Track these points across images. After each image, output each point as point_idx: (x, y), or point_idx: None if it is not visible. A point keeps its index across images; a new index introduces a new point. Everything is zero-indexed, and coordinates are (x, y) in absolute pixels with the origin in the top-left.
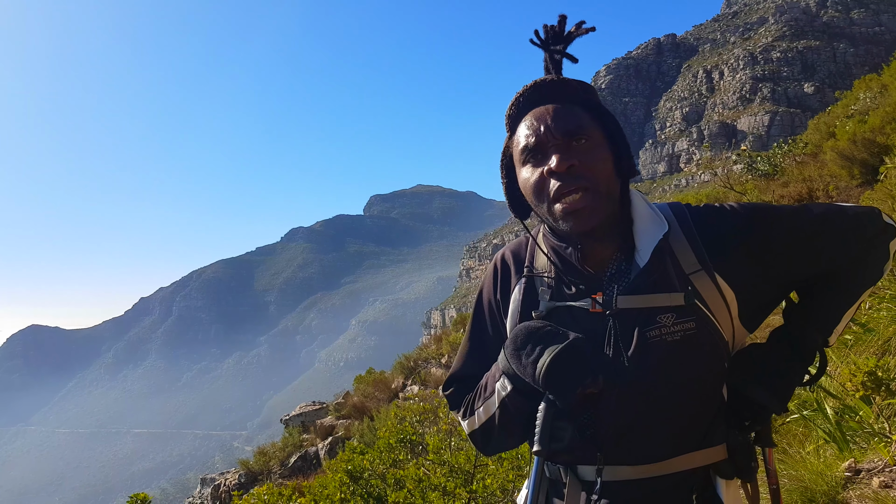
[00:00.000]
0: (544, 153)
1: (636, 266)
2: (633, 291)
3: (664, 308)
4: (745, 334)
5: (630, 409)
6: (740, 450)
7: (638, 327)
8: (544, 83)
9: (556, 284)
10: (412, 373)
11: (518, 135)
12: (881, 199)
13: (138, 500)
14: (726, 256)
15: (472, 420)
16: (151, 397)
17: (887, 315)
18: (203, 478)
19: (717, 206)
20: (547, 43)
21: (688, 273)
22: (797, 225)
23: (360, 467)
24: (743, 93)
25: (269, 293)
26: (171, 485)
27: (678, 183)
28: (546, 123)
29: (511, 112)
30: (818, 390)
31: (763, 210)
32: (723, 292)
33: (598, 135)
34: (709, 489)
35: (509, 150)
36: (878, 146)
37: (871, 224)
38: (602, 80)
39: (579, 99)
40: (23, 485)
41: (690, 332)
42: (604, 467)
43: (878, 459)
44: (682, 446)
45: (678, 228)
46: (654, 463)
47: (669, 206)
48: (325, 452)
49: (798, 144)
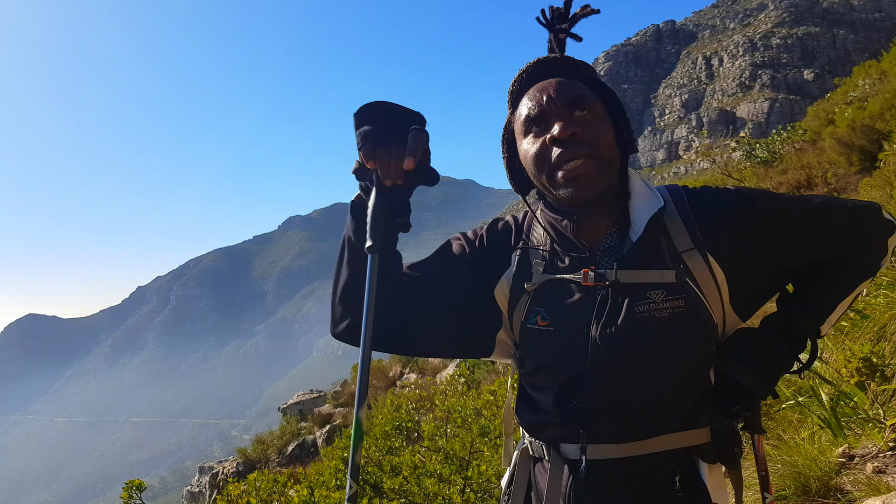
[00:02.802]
0: (546, 123)
1: (630, 241)
2: (625, 266)
3: (655, 284)
4: (737, 322)
5: (614, 384)
6: (724, 434)
7: (627, 301)
8: (547, 60)
9: (549, 258)
10: (409, 361)
11: (520, 107)
12: (879, 185)
13: (133, 486)
14: (720, 238)
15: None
16: (149, 386)
17: (883, 301)
18: (201, 466)
19: (714, 189)
20: (552, 23)
21: (680, 251)
22: (795, 213)
23: None
24: (742, 80)
25: (266, 282)
26: (170, 473)
27: (677, 170)
28: (549, 94)
29: (514, 88)
30: (813, 377)
31: (761, 195)
32: (714, 273)
33: (600, 108)
34: (692, 471)
35: (511, 126)
36: (876, 133)
37: (871, 218)
38: (601, 67)
39: (581, 75)
40: (21, 474)
41: (679, 309)
42: (587, 445)
43: (871, 445)
44: (666, 426)
45: (673, 207)
46: (638, 441)
47: (667, 187)
48: (323, 440)
49: (797, 131)
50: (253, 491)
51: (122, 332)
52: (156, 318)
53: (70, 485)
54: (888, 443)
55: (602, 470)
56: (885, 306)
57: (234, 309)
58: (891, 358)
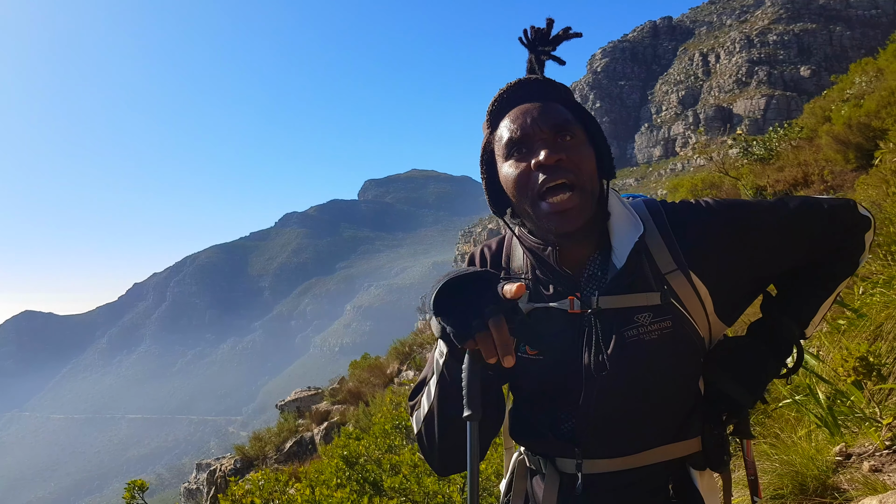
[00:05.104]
0: (530, 147)
1: (613, 267)
2: (610, 292)
3: (641, 307)
4: (723, 328)
5: (607, 407)
6: (714, 443)
7: (616, 327)
8: (529, 81)
9: (533, 285)
10: (407, 358)
11: (501, 129)
12: (875, 183)
13: (136, 486)
14: (701, 255)
15: (418, 414)
16: (146, 383)
17: (880, 300)
18: (199, 463)
19: (692, 204)
20: (534, 44)
21: (664, 273)
22: (773, 220)
23: (355, 453)
24: (739, 76)
25: (263, 278)
26: (167, 470)
27: (674, 167)
28: (533, 117)
29: (493, 108)
30: (810, 375)
31: (739, 208)
32: (698, 290)
33: (582, 134)
34: (685, 478)
35: (490, 146)
36: (873, 130)
37: (847, 216)
38: (598, 64)
39: (562, 99)
40: (17, 471)
41: (667, 330)
42: (582, 461)
43: (868, 444)
44: (659, 439)
45: (654, 228)
46: (631, 455)
47: (645, 203)
48: (321, 438)
49: (794, 129)
50: (256, 490)
51: (119, 329)
52: (152, 315)
53: (67, 482)
54: (884, 441)
55: (597, 482)
56: (881, 305)
57: (231, 305)
58: (887, 357)
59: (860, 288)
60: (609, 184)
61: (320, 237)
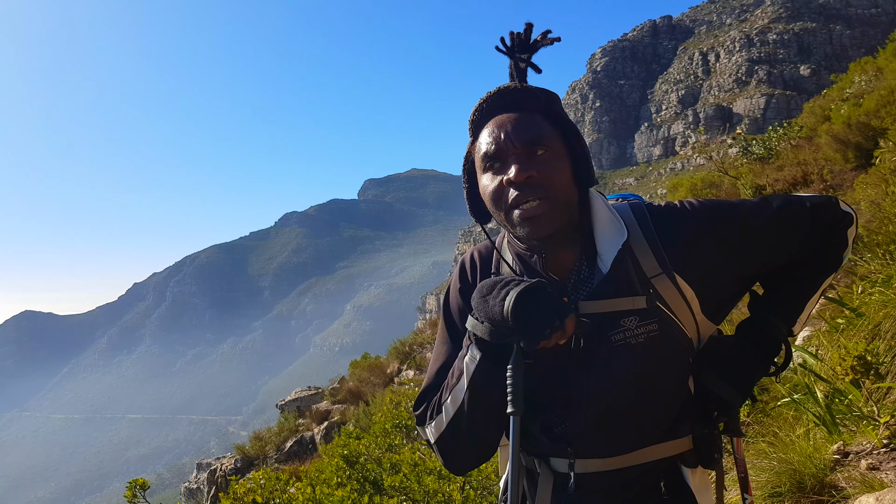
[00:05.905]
0: (504, 162)
1: (599, 272)
2: (596, 297)
3: (627, 311)
4: (711, 327)
5: (599, 409)
6: (704, 441)
7: (603, 331)
8: (508, 90)
9: None
10: (407, 357)
11: (480, 141)
12: (875, 183)
13: (137, 485)
14: (686, 258)
15: (440, 419)
16: (146, 383)
17: (878, 299)
18: (199, 463)
19: (676, 207)
20: (512, 50)
21: (649, 277)
22: (756, 220)
23: (356, 452)
24: (739, 75)
25: (263, 278)
26: (167, 470)
27: (674, 166)
28: (507, 131)
29: (474, 118)
30: (809, 374)
31: (722, 208)
32: (683, 292)
33: (558, 145)
34: (677, 476)
35: (472, 156)
36: (872, 130)
37: (830, 213)
38: (597, 63)
39: (541, 108)
40: (18, 470)
41: (654, 333)
42: (575, 461)
43: (866, 442)
44: (650, 439)
45: (639, 232)
46: (623, 455)
47: (631, 207)
48: (321, 437)
49: (793, 128)
50: (258, 489)
51: (119, 329)
52: (152, 315)
53: (67, 481)
54: (882, 440)
55: (590, 482)
56: (879, 304)
57: (231, 305)
58: (885, 356)
59: (859, 287)
60: (590, 191)
61: (320, 237)
